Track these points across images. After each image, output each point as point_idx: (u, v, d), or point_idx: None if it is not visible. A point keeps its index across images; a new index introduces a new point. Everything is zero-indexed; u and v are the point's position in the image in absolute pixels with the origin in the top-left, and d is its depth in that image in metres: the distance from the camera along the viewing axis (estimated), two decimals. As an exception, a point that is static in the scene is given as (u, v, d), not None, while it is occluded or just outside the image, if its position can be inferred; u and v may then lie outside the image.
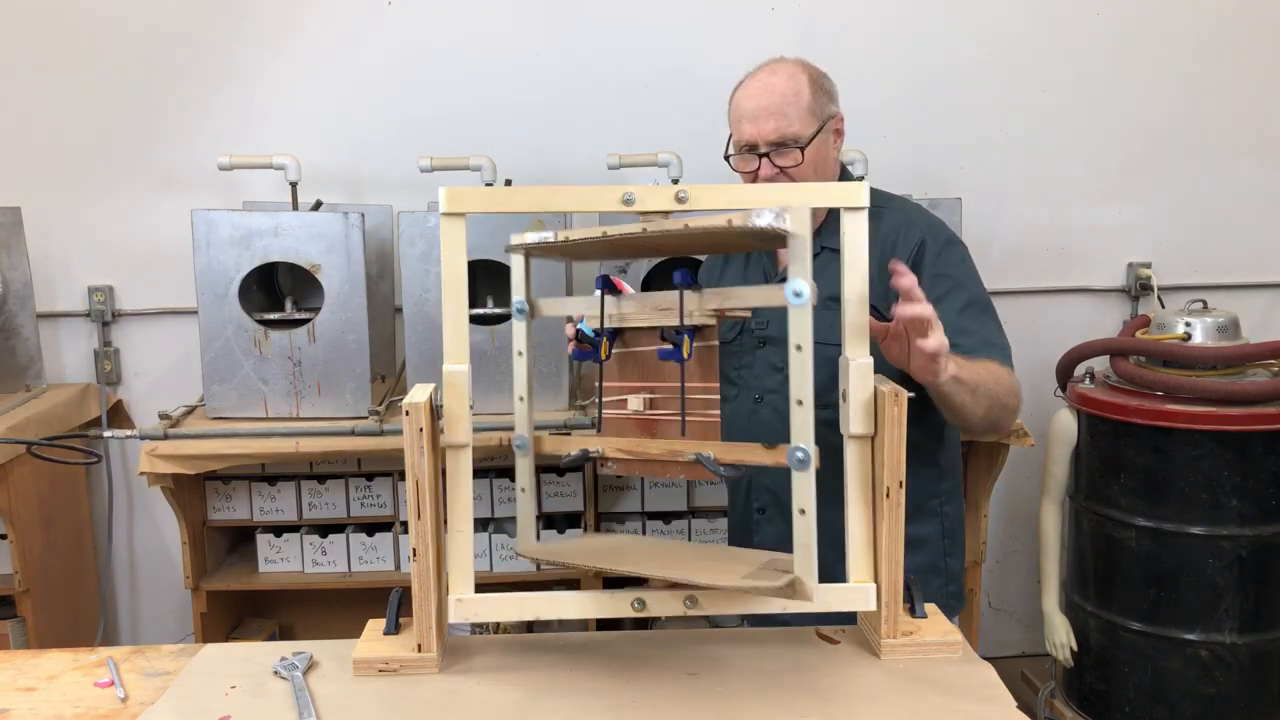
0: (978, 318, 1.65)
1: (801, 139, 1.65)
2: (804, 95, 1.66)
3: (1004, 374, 1.59)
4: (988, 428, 1.62)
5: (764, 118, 1.65)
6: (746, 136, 1.67)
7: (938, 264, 1.67)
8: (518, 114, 2.92)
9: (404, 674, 1.32)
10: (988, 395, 1.54)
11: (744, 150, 1.69)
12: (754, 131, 1.66)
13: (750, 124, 1.66)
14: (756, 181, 1.68)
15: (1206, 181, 3.10)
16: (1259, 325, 3.01)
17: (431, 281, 2.49)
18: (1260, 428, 2.37)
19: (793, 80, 1.67)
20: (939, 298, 1.61)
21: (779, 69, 1.69)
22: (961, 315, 1.63)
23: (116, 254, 2.93)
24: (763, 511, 1.80)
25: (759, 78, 1.69)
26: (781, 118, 1.64)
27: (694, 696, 1.26)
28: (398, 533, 2.72)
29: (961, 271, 1.69)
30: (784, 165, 1.66)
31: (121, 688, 1.31)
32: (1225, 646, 2.44)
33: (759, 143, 1.66)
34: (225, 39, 2.86)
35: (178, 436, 2.46)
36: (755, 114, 1.66)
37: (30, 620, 2.53)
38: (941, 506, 1.78)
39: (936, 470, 1.78)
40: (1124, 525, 2.50)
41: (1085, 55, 3.02)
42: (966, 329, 1.61)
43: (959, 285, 1.66)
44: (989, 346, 1.62)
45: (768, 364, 1.75)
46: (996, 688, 1.27)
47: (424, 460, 1.29)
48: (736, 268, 1.87)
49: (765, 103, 1.65)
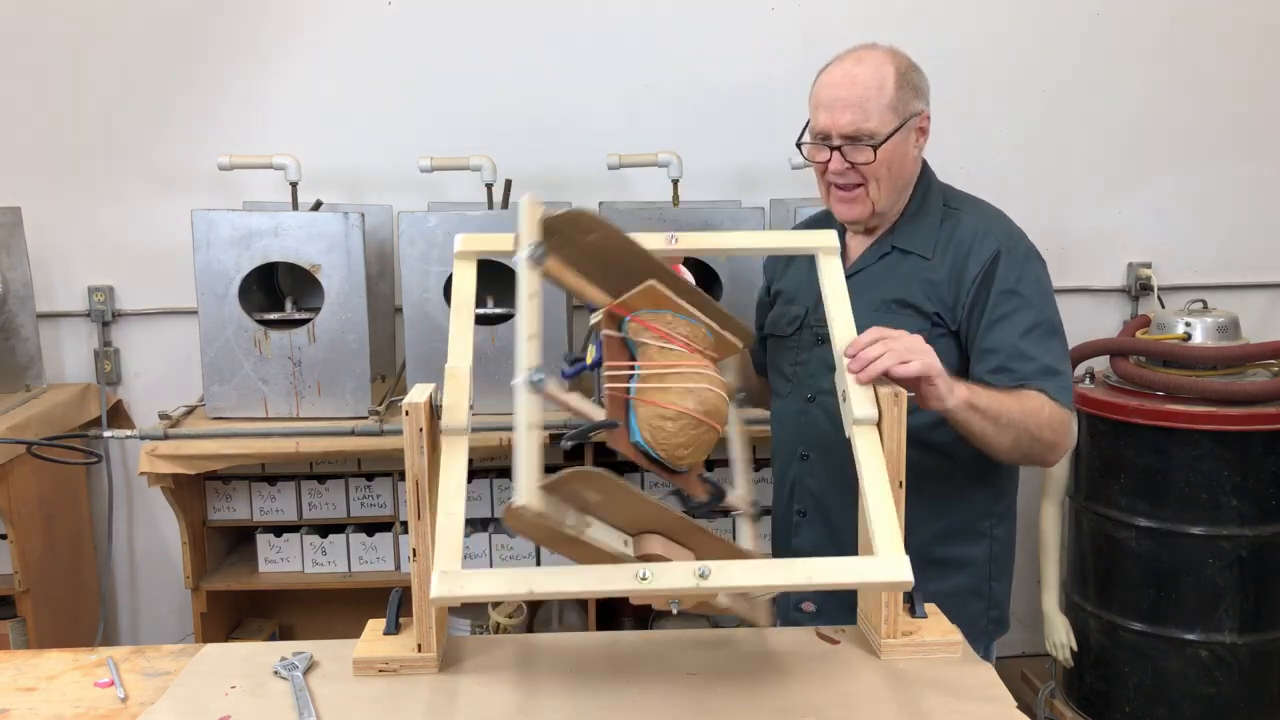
0: (1042, 342, 1.57)
1: (878, 136, 1.58)
2: (887, 89, 1.58)
3: (1044, 406, 1.50)
4: (1018, 458, 1.56)
5: (841, 109, 1.58)
6: (821, 125, 1.61)
7: (1009, 279, 1.59)
8: (518, 114, 2.92)
9: (404, 674, 1.32)
10: (1014, 426, 1.47)
11: (817, 139, 1.62)
12: (829, 122, 1.59)
13: (826, 113, 1.59)
14: (826, 174, 1.63)
15: (1206, 181, 3.10)
16: (1259, 325, 3.01)
17: (431, 281, 2.49)
18: (1260, 428, 2.37)
19: (878, 72, 1.59)
20: (1003, 315, 1.56)
21: (866, 58, 1.61)
22: (1024, 338, 1.56)
23: (116, 254, 2.93)
24: (804, 514, 1.74)
25: (844, 65, 1.62)
26: (859, 111, 1.57)
27: (694, 696, 1.26)
28: (398, 533, 2.72)
29: (1035, 291, 1.60)
30: (856, 161, 1.59)
31: (121, 688, 1.31)
32: (1225, 646, 2.44)
33: (833, 134, 1.60)
34: (225, 39, 2.86)
35: (178, 436, 2.46)
36: (833, 104, 1.58)
37: (30, 620, 2.53)
38: (992, 529, 1.70)
39: (989, 491, 1.70)
40: (1124, 525, 2.50)
41: (1085, 55, 3.02)
42: (1027, 354, 1.55)
43: (1028, 305, 1.58)
44: (1045, 375, 1.54)
45: (824, 363, 1.64)
46: (996, 688, 1.27)
47: (424, 460, 1.29)
48: (803, 260, 1.76)
49: (845, 93, 1.58)
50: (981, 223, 1.65)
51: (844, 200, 1.64)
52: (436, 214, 2.53)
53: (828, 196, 1.67)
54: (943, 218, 1.66)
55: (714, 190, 2.90)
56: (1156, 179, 3.09)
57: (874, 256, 1.69)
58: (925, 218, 1.67)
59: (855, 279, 1.61)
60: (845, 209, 1.65)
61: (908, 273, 1.64)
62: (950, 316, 1.61)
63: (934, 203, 1.69)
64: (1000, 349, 1.55)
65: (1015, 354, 1.53)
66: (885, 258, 1.67)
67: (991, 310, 1.57)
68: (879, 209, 1.65)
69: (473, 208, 2.64)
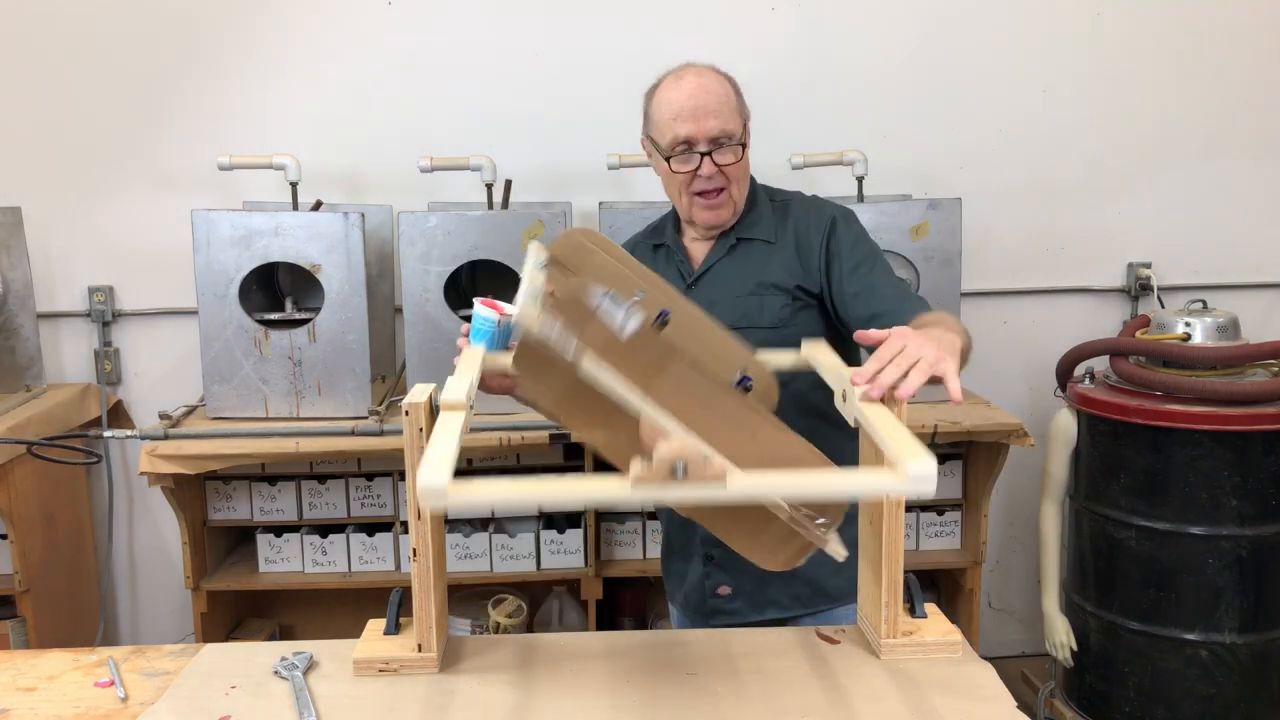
0: (894, 278, 1.73)
1: (737, 137, 1.71)
2: (732, 97, 1.72)
3: (950, 319, 1.55)
4: None
5: (705, 117, 1.68)
6: (685, 134, 1.69)
7: (850, 235, 1.75)
8: (518, 114, 2.92)
9: (404, 674, 1.32)
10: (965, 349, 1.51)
11: (680, 149, 1.71)
12: (695, 129, 1.68)
13: (690, 123, 1.69)
14: (695, 181, 1.71)
15: (1206, 181, 3.10)
16: (1259, 325, 3.01)
17: (431, 281, 2.50)
18: (1260, 428, 2.37)
19: (720, 82, 1.72)
20: (860, 261, 1.71)
21: (705, 72, 1.73)
22: (885, 275, 1.72)
23: (116, 254, 2.93)
24: None
25: (689, 79, 1.72)
26: (720, 117, 1.69)
27: (694, 696, 1.26)
28: (398, 533, 2.72)
29: (871, 241, 1.78)
30: (724, 163, 1.70)
31: (121, 688, 1.32)
32: (1225, 646, 2.44)
33: (700, 140, 1.69)
34: (225, 39, 2.87)
35: (178, 436, 2.47)
36: (695, 113, 1.69)
37: (30, 620, 2.53)
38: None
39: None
40: (1124, 525, 2.50)
41: (1085, 55, 3.02)
42: (892, 283, 1.70)
43: (873, 252, 1.75)
44: (913, 298, 1.68)
45: None
46: (996, 688, 1.27)
47: (424, 460, 1.29)
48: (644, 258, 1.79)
49: (703, 102, 1.69)
50: (809, 203, 1.82)
51: (710, 207, 1.74)
52: (436, 214, 2.54)
53: (690, 206, 1.75)
54: (773, 209, 1.80)
55: (714, 190, 2.90)
56: (1156, 179, 3.09)
57: (722, 250, 1.78)
58: (759, 211, 1.80)
59: (711, 274, 1.76)
60: (712, 215, 1.75)
61: (759, 258, 1.76)
62: (811, 283, 1.73)
63: (762, 197, 1.82)
64: (869, 288, 1.68)
65: (886, 289, 1.67)
66: (733, 250, 1.77)
67: (848, 260, 1.72)
68: (738, 209, 1.77)
69: (473, 208, 2.64)
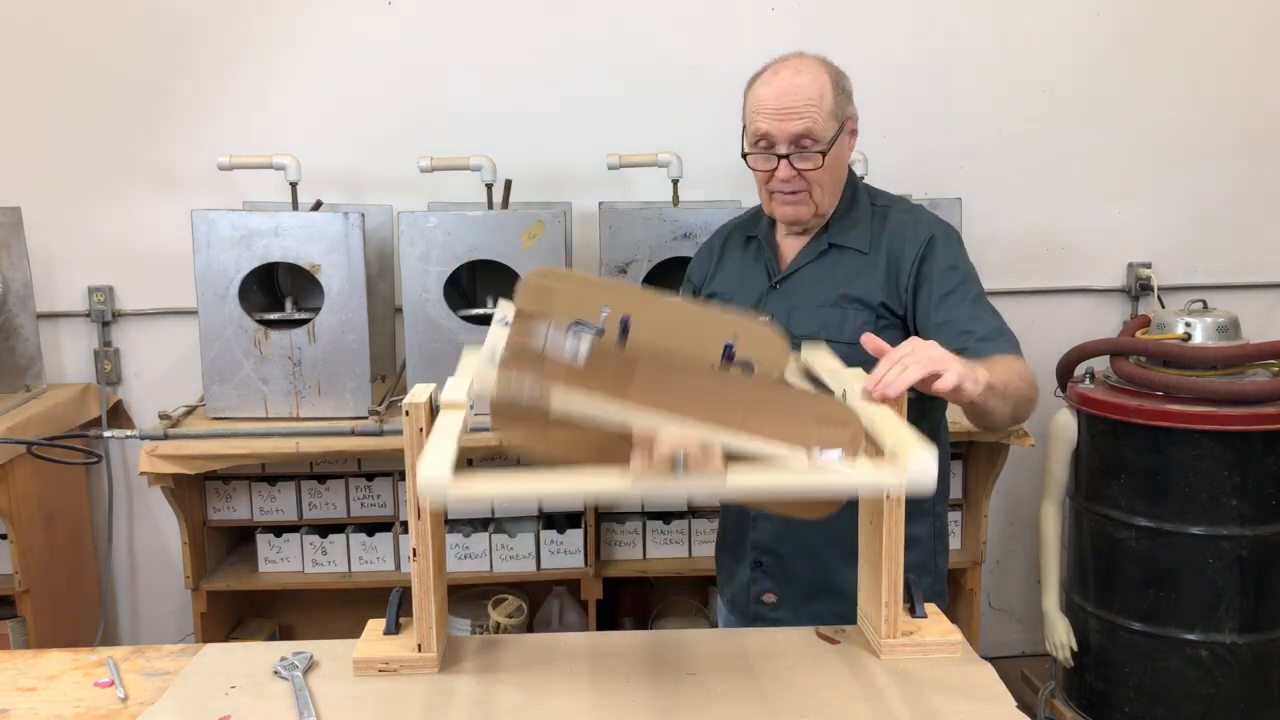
0: (989, 309, 1.67)
1: (822, 142, 1.65)
2: (827, 98, 1.65)
3: (1021, 366, 1.57)
4: (1008, 422, 1.61)
5: (788, 119, 1.63)
6: (764, 131, 1.66)
7: (947, 258, 1.68)
8: (518, 114, 2.92)
9: (404, 674, 1.32)
10: (1015, 394, 1.52)
11: (761, 146, 1.67)
12: (776, 130, 1.64)
13: (773, 122, 1.64)
14: (772, 181, 1.68)
15: (1206, 181, 3.10)
16: (1259, 325, 3.01)
17: (431, 282, 2.49)
18: (1260, 428, 2.37)
19: (817, 82, 1.65)
20: (951, 290, 1.64)
21: (804, 69, 1.66)
22: (975, 305, 1.65)
23: (116, 254, 2.93)
24: (762, 511, 1.77)
25: (783, 76, 1.66)
26: (805, 120, 1.63)
27: (694, 696, 1.26)
28: (398, 533, 2.72)
29: (970, 268, 1.70)
30: (804, 168, 1.65)
31: (121, 688, 1.31)
32: (1225, 646, 2.44)
33: (780, 142, 1.65)
34: (225, 39, 2.86)
35: (178, 436, 2.46)
36: (779, 113, 1.64)
37: (30, 620, 2.53)
38: (934, 506, 1.77)
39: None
40: (1124, 525, 2.50)
41: (1085, 55, 3.02)
42: (981, 318, 1.63)
43: (970, 277, 1.68)
44: (1002, 336, 1.61)
45: None
46: (996, 688, 1.27)
47: (424, 460, 1.28)
48: (734, 261, 1.84)
49: (790, 103, 1.64)
50: (910, 214, 1.74)
51: (789, 203, 1.70)
52: (436, 214, 2.54)
53: (769, 201, 1.73)
54: (873, 214, 1.74)
55: (714, 190, 2.90)
56: (1156, 179, 3.09)
57: (813, 254, 1.74)
58: (857, 215, 1.74)
59: (797, 276, 1.72)
60: (790, 210, 1.71)
61: (849, 268, 1.71)
62: (896, 303, 1.68)
63: (863, 201, 1.76)
64: (955, 320, 1.62)
65: (971, 318, 1.61)
66: (824, 255, 1.73)
67: (939, 286, 1.65)
68: (821, 211, 1.72)
69: (473, 208, 2.64)
